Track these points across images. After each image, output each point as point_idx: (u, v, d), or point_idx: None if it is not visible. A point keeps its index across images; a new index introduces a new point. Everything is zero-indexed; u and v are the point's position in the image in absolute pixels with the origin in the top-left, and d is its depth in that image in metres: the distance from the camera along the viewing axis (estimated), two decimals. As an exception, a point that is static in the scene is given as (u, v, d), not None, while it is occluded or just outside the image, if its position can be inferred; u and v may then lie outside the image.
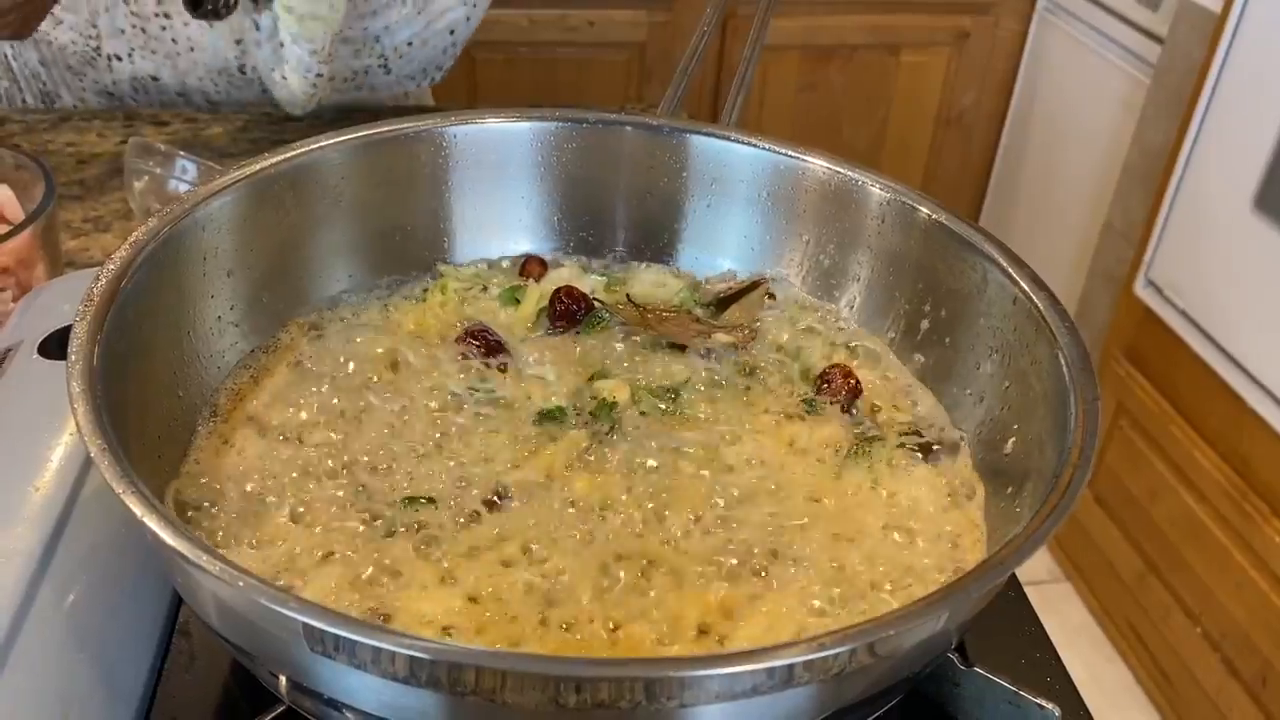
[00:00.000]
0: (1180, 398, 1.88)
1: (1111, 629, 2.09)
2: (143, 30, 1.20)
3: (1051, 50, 2.44)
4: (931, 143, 2.61)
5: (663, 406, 0.64)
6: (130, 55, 1.22)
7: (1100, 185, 2.27)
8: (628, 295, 0.73)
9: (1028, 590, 0.64)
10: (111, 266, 0.53)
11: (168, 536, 0.40)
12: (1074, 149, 2.39)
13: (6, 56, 1.23)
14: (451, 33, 1.24)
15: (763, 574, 0.54)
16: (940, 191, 2.39)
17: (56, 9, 1.16)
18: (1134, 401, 1.97)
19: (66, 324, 0.66)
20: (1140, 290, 1.92)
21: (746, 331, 0.71)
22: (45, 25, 1.18)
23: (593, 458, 0.60)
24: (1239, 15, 1.68)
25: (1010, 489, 0.58)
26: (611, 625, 0.51)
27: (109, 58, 1.22)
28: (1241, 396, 1.70)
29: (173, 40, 1.21)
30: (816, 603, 0.53)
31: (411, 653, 0.38)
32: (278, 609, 0.38)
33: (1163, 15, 2.04)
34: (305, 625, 0.38)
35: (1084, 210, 2.34)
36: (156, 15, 1.18)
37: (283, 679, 0.44)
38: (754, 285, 0.74)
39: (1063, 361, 0.55)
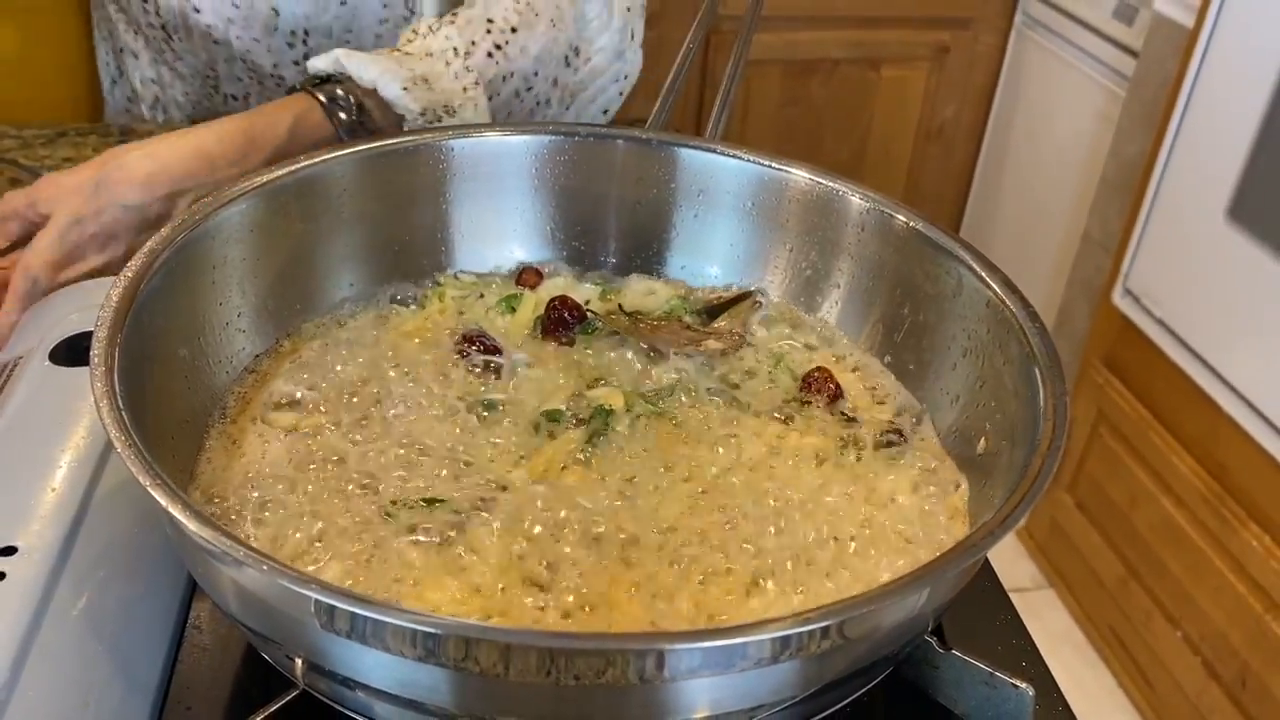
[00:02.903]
0: (1159, 405, 1.91)
1: (1094, 634, 2.11)
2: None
3: (1029, 64, 2.48)
4: (913, 156, 2.64)
5: (655, 410, 0.67)
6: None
7: (1078, 196, 2.30)
8: (620, 305, 0.76)
9: (1011, 597, 0.66)
10: (129, 273, 0.56)
11: (192, 524, 0.43)
12: (1052, 161, 2.42)
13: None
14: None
15: (751, 567, 0.56)
16: (922, 204, 2.41)
17: None
18: (1113, 409, 2.00)
19: (75, 332, 0.69)
20: (1118, 300, 1.95)
21: (735, 338, 0.74)
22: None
23: (589, 457, 0.63)
24: (1211, 29, 1.71)
25: (986, 482, 0.60)
26: (610, 613, 0.53)
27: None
28: (1218, 404, 1.73)
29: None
30: (802, 594, 0.56)
31: (419, 628, 0.40)
32: (300, 590, 0.40)
33: (1137, 29, 2.08)
34: (327, 605, 0.40)
35: (1063, 221, 2.37)
36: None
37: (299, 661, 0.46)
38: (743, 296, 0.77)
39: (1033, 360, 0.58)
